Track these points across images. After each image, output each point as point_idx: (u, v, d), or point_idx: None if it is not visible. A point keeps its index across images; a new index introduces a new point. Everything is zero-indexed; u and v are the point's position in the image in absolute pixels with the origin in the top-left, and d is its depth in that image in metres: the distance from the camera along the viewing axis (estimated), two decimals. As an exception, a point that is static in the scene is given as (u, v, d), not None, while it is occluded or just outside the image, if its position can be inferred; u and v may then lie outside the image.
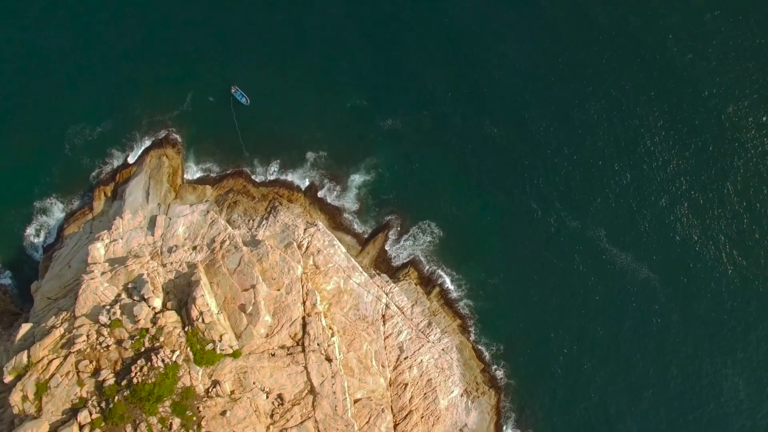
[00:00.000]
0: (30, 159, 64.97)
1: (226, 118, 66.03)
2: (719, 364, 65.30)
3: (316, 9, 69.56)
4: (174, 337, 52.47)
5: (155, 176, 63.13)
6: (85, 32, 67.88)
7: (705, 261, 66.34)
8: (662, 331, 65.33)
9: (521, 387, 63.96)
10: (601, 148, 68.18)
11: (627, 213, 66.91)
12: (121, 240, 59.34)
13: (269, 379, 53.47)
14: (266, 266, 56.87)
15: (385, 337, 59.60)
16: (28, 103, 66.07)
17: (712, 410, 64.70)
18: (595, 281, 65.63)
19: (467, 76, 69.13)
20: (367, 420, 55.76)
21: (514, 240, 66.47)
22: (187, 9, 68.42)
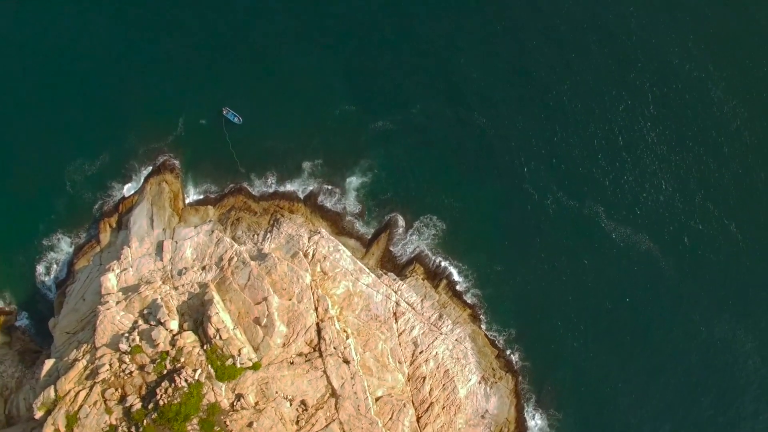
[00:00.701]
0: (33, 200, 66.81)
1: (220, 138, 67.83)
2: (730, 328, 67.01)
3: (294, 24, 71.36)
4: (194, 356, 54.33)
5: (157, 202, 64.95)
6: (72, 69, 69.47)
7: (703, 226, 68.16)
8: (669, 299, 67.09)
9: (537, 368, 65.81)
10: (591, 128, 70.16)
11: (622, 188, 68.87)
12: (131, 268, 61.20)
13: (291, 386, 55.35)
14: (275, 278, 58.71)
15: (399, 333, 61.46)
16: (24, 145, 67.71)
17: (727, 375, 66.41)
18: (598, 257, 67.52)
19: (450, 72, 70.96)
20: (390, 416, 57.62)
21: (515, 226, 68.33)
22: (170, 36, 70.12)
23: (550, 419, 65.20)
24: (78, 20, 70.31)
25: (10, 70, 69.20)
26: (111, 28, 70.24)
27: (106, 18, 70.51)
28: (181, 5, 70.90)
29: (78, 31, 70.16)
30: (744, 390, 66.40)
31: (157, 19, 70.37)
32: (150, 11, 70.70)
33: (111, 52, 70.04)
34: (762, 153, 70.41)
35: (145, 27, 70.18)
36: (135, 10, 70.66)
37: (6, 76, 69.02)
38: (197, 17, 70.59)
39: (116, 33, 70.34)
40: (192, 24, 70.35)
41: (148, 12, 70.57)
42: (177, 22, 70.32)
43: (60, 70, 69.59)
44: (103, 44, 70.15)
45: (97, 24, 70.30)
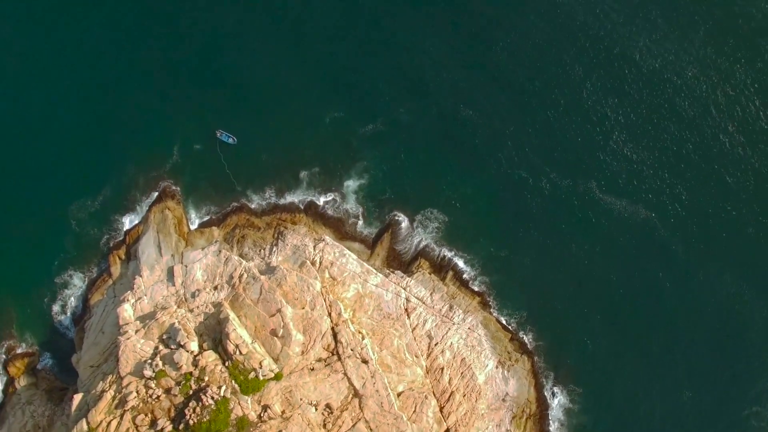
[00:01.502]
0: (41, 243, 69.05)
1: (215, 160, 69.96)
2: (738, 287, 69.00)
3: (274, 40, 73.27)
4: (217, 374, 56.51)
5: (162, 230, 67.16)
6: (64, 108, 71.48)
7: (697, 188, 70.29)
8: (673, 265, 69.11)
9: (552, 346, 67.88)
10: (573, 108, 72.09)
11: (612, 161, 70.89)
12: (145, 297, 63.43)
13: (314, 392, 57.56)
14: (286, 289, 60.89)
15: (413, 328, 63.60)
16: (26, 189, 69.94)
17: (740, 335, 68.29)
18: (598, 231, 69.51)
19: (431, 71, 72.98)
20: (413, 409, 59.80)
21: (514, 210, 70.33)
22: (156, 66, 72.09)
23: (570, 394, 67.21)
24: (64, 60, 72.42)
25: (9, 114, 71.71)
26: (97, 65, 72.25)
27: (92, 55, 72.51)
28: (162, 36, 72.87)
29: (63, 72, 72.21)
30: (761, 350, 68.33)
31: (142, 52, 72.36)
32: (134, 44, 72.72)
33: (100, 88, 71.98)
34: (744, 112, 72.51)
35: (131, 60, 72.08)
36: (119, 45, 72.66)
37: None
38: (180, 46, 72.54)
39: (102, 69, 72.27)
40: (176, 52, 72.28)
41: (133, 45, 72.58)
42: (161, 51, 72.30)
43: (53, 111, 71.44)
44: (91, 80, 72.09)
45: (83, 61, 72.35)
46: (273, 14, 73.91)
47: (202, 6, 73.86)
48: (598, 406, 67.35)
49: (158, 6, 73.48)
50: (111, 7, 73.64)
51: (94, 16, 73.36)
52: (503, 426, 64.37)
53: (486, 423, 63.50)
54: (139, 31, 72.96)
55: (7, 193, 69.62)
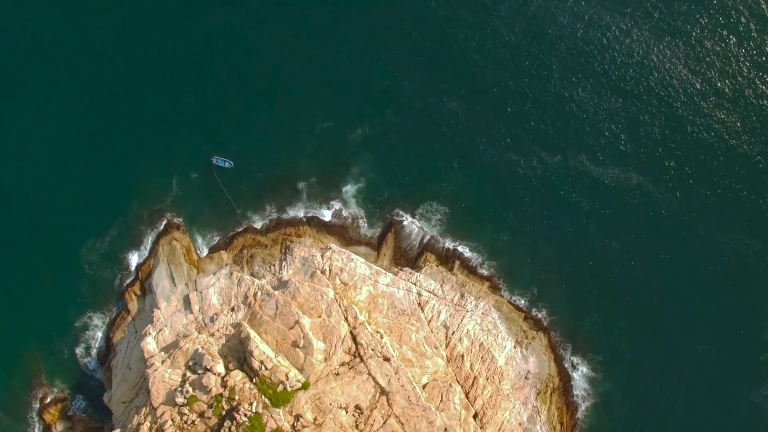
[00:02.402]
0: (57, 291, 71.85)
1: (214, 186, 72.45)
2: (740, 239, 71.43)
3: (254, 59, 75.70)
4: (246, 391, 59.09)
5: (173, 261, 69.73)
6: (61, 152, 74.06)
7: (683, 146, 72.72)
8: (672, 224, 71.43)
9: (565, 319, 70.35)
10: (552, 85, 74.41)
11: (598, 131, 73.20)
12: (166, 328, 66.05)
13: (342, 395, 60.10)
14: (301, 300, 63.43)
15: (428, 321, 66.13)
16: (35, 238, 72.60)
17: (748, 287, 70.71)
18: (594, 201, 71.87)
19: (410, 68, 75.27)
20: (440, 398, 62.34)
21: (510, 193, 72.59)
22: (145, 100, 74.59)
23: (591, 363, 69.63)
24: (55, 109, 75.10)
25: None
26: (88, 109, 74.85)
27: (82, 102, 75.14)
28: (150, 74, 75.32)
29: (55, 118, 74.89)
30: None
31: (130, 90, 74.83)
32: (122, 84, 75.13)
33: (93, 132, 74.37)
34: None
35: (120, 98, 74.64)
36: (106, 88, 75.19)
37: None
38: (169, 80, 74.98)
39: (94, 111, 74.72)
40: (164, 85, 74.73)
41: (121, 85, 75.04)
42: (149, 88, 74.84)
43: (51, 158, 73.97)
44: (84, 125, 74.53)
45: (74, 108, 74.98)
46: (252, 39, 75.92)
47: (185, 41, 76.14)
48: (620, 370, 69.72)
49: (140, 45, 75.87)
50: (97, 52, 76.22)
51: (82, 60, 75.93)
52: (529, 403, 66.90)
53: (512, 402, 66.05)
54: (127, 72, 75.39)
55: (18, 245, 72.24)
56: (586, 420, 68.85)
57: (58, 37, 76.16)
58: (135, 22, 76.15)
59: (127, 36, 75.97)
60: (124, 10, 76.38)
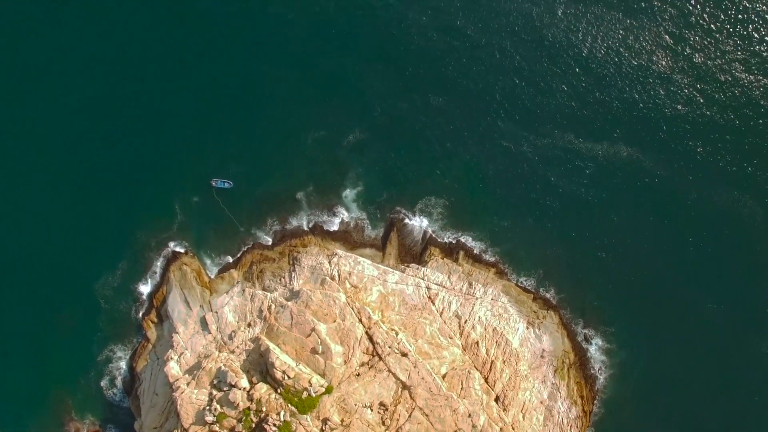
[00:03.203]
0: (77, 329, 74.65)
1: (215, 207, 74.97)
2: (731, 195, 73.88)
3: (239, 78, 78.33)
4: (273, 402, 61.53)
5: (185, 285, 72.20)
6: (62, 191, 76.76)
7: (667, 113, 75.13)
8: (664, 189, 73.83)
9: (573, 295, 72.80)
10: (534, 69, 77.00)
11: (582, 108, 75.71)
12: (187, 351, 68.52)
13: (365, 394, 62.51)
14: (314, 308, 65.87)
15: (440, 313, 68.54)
16: (50, 282, 75.14)
17: (743, 234, 73.15)
18: (587, 178, 74.33)
19: (393, 69, 77.86)
20: (460, 386, 64.71)
21: (506, 180, 75.14)
22: (137, 131, 77.25)
23: (604, 335, 72.00)
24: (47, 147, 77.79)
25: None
26: (84, 143, 77.49)
27: (77, 136, 77.80)
28: (137, 107, 78.00)
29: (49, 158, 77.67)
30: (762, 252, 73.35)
31: (123, 122, 77.46)
32: (113, 116, 77.85)
33: (90, 162, 77.06)
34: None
35: (115, 129, 77.35)
36: (100, 120, 77.78)
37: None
38: (157, 112, 77.63)
39: (91, 144, 77.36)
40: (156, 118, 77.38)
41: (114, 116, 77.69)
42: (141, 119, 77.53)
43: (54, 197, 76.69)
44: (82, 158, 77.22)
45: (69, 142, 77.63)
46: (240, 61, 78.83)
47: (172, 82, 78.78)
48: (633, 339, 72.14)
49: (129, 85, 78.51)
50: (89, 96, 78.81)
51: (78, 103, 78.50)
52: (548, 381, 69.23)
53: (531, 382, 68.40)
54: (121, 106, 78.07)
55: (34, 289, 74.77)
56: (605, 390, 71.23)
57: (52, 77, 78.90)
58: (125, 59, 78.95)
59: (117, 78, 78.68)
60: (110, 48, 79.16)
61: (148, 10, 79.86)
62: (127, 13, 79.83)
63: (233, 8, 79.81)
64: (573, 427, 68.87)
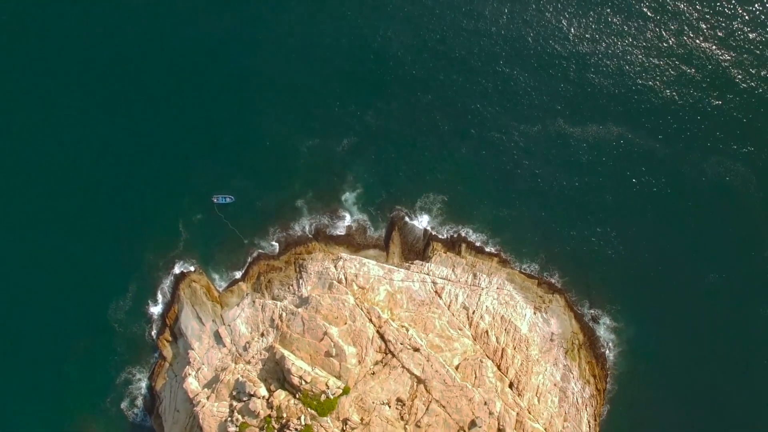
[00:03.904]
0: (94, 353, 76.71)
1: (218, 223, 77.10)
2: (719, 162, 75.99)
3: (227, 93, 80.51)
4: (292, 407, 63.58)
5: (196, 301, 74.30)
6: (68, 222, 78.90)
7: (651, 88, 77.21)
8: (656, 164, 75.95)
9: (577, 276, 74.91)
10: (519, 58, 79.16)
11: (568, 92, 77.94)
12: (203, 365, 70.59)
13: (382, 392, 64.56)
14: (325, 312, 67.93)
15: (448, 306, 70.60)
16: (64, 311, 77.23)
17: (737, 200, 75.30)
18: (580, 160, 76.52)
19: (379, 71, 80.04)
20: (474, 375, 66.73)
21: (500, 169, 77.29)
22: (135, 154, 79.45)
23: (610, 313, 74.08)
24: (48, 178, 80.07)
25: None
26: (83, 168, 79.81)
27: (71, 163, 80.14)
28: (133, 132, 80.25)
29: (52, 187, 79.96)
30: (762, 208, 75.32)
31: (119, 147, 79.77)
32: (111, 141, 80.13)
33: (93, 188, 79.27)
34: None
35: (112, 157, 79.59)
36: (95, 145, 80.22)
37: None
38: (153, 135, 79.84)
39: (92, 169, 79.71)
40: (152, 141, 79.63)
41: (110, 143, 79.97)
42: (137, 144, 79.81)
43: (59, 225, 78.83)
44: (80, 188, 79.46)
45: (69, 169, 79.95)
46: (225, 71, 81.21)
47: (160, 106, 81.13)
48: (639, 315, 74.21)
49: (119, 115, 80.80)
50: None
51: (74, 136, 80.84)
52: (560, 363, 71.25)
53: (543, 366, 70.44)
54: (116, 131, 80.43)
55: (48, 319, 76.85)
56: (617, 367, 73.29)
57: (52, 106, 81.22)
58: (121, 86, 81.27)
59: (114, 107, 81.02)
60: (104, 75, 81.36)
61: (144, 38, 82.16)
62: (122, 41, 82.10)
63: (222, 35, 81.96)
64: (588, 405, 70.93)
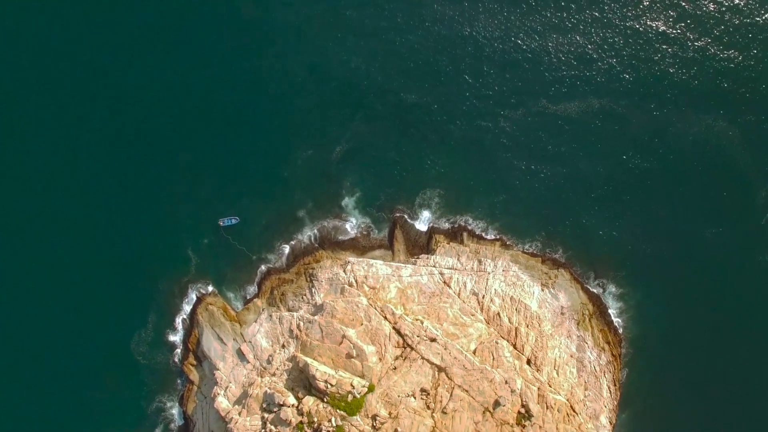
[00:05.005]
0: (122, 387, 79.69)
1: (226, 244, 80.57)
2: (698, 123, 79.92)
3: (219, 113, 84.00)
4: (322, 411, 67.10)
5: (215, 323, 77.78)
6: (82, 257, 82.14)
7: (627, 56, 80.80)
8: (641, 131, 79.51)
9: (579, 249, 78.62)
10: (489, 47, 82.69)
11: (545, 72, 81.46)
12: (231, 383, 74.13)
13: (406, 385, 68.11)
14: (340, 316, 71.46)
15: (457, 294, 74.16)
16: (88, 349, 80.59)
17: (727, 157, 78.77)
18: (568, 136, 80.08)
19: (359, 77, 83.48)
20: (492, 357, 70.27)
21: (491, 157, 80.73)
22: (133, 190, 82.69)
23: (616, 281, 77.76)
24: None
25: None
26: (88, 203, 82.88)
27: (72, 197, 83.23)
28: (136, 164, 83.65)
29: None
30: (752, 163, 78.91)
31: (121, 180, 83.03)
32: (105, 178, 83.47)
33: (99, 231, 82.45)
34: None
35: (114, 193, 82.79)
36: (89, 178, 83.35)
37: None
38: (150, 168, 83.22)
39: (96, 210, 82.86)
40: (152, 173, 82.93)
41: (113, 177, 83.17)
42: (137, 175, 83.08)
43: (72, 266, 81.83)
44: (91, 226, 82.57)
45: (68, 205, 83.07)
46: (217, 93, 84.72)
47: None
48: (644, 278, 78.03)
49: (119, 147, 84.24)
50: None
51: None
52: (573, 334, 74.75)
53: (557, 339, 73.96)
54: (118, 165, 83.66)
55: (73, 359, 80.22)
56: (629, 332, 76.86)
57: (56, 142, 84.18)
58: (118, 118, 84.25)
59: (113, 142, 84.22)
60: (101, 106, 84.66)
61: (138, 70, 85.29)
62: (121, 70, 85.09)
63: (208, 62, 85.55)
64: (606, 372, 74.45)
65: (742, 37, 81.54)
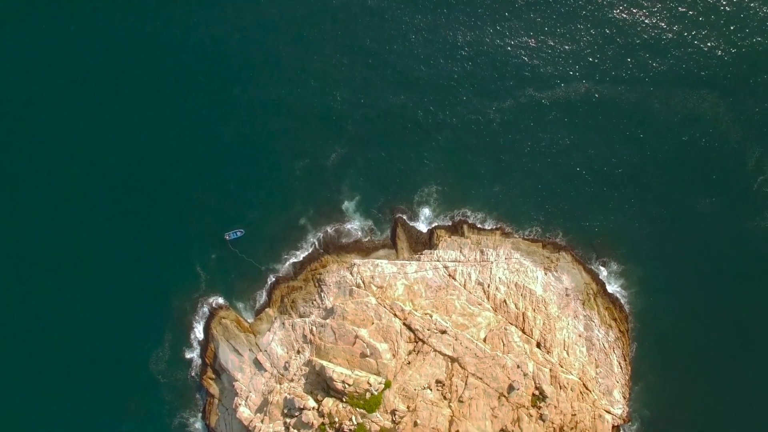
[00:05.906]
0: (144, 407, 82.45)
1: (233, 257, 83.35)
2: (685, 98, 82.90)
3: (215, 127, 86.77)
4: (342, 411, 69.90)
5: (230, 336, 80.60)
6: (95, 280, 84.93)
7: (607, 38, 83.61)
8: (628, 111, 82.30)
9: (579, 232, 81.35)
10: (471, 38, 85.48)
11: (529, 61, 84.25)
12: (251, 393, 76.97)
13: (421, 378, 70.91)
14: (351, 318, 74.25)
15: (463, 286, 76.98)
16: (108, 373, 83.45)
17: (715, 130, 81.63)
18: (557, 124, 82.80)
19: (349, 83, 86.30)
20: (502, 343, 73.08)
21: (484, 149, 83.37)
22: (138, 211, 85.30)
23: (617, 258, 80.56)
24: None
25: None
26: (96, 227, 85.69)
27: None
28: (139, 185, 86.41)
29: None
30: (738, 133, 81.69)
31: (125, 202, 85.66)
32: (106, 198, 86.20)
33: (106, 254, 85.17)
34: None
35: (120, 214, 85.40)
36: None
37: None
38: (154, 189, 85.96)
39: (105, 234, 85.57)
40: (156, 193, 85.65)
41: (118, 200, 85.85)
42: (142, 196, 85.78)
43: (84, 292, 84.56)
44: (98, 250, 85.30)
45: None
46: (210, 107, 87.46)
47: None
48: (644, 253, 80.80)
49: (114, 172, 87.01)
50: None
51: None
52: (579, 315, 77.52)
53: (565, 321, 76.74)
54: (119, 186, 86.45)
55: (94, 384, 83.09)
56: (634, 307, 79.62)
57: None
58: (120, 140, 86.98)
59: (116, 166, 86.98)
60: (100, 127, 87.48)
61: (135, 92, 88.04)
62: (121, 93, 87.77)
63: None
64: (615, 348, 77.21)
65: (722, 18, 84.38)
